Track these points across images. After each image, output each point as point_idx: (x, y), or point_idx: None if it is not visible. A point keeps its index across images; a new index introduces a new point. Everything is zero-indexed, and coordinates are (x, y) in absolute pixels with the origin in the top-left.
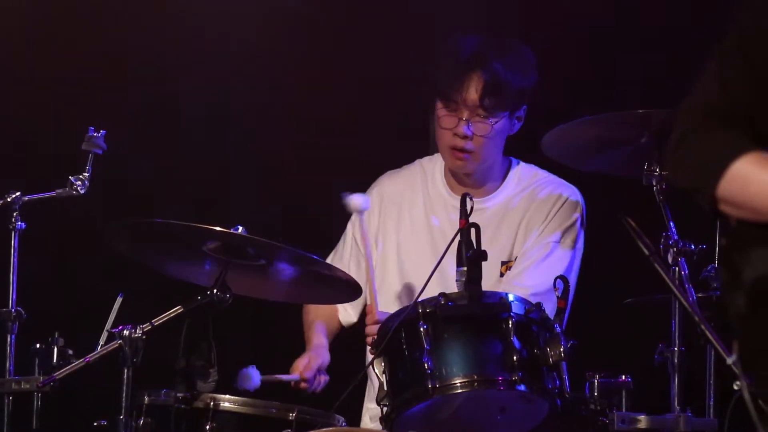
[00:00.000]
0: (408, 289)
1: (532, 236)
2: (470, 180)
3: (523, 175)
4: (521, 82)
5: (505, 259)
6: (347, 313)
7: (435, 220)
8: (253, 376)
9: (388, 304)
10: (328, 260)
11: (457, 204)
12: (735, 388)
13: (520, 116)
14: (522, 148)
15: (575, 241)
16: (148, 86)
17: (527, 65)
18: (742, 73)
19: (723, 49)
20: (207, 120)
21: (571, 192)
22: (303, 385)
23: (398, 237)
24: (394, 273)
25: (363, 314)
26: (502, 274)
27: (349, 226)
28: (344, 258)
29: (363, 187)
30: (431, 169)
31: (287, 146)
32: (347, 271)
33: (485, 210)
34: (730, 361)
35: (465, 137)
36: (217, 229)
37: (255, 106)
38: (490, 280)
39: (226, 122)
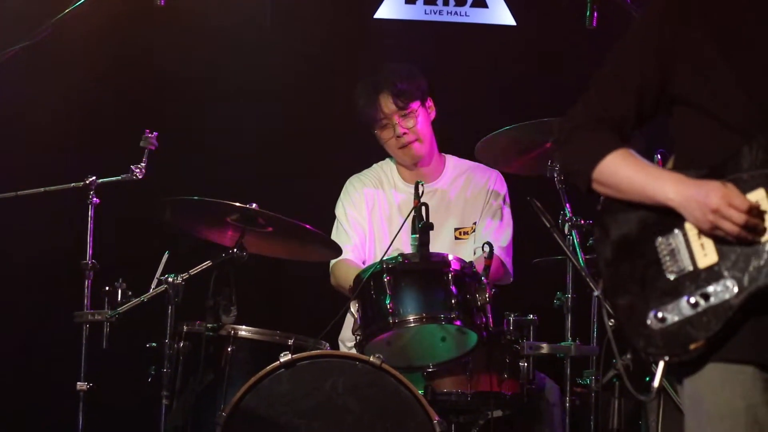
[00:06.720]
0: (384, 249)
1: (479, 207)
2: (419, 170)
3: (456, 163)
4: (413, 83)
5: (457, 227)
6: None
7: (397, 202)
8: None
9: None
10: (333, 236)
11: (411, 190)
12: (609, 324)
13: (430, 106)
14: (462, 154)
15: (508, 204)
16: (184, 101)
17: (413, 73)
18: (615, 94)
19: (601, 72)
20: (230, 123)
21: (497, 174)
22: None
23: (381, 215)
24: (381, 238)
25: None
26: (456, 238)
27: (346, 211)
28: (348, 234)
29: (346, 169)
30: (388, 169)
31: (296, 140)
32: (357, 244)
33: (436, 191)
34: (596, 293)
35: (403, 134)
36: (237, 204)
37: (273, 109)
38: (446, 243)
39: (246, 124)
